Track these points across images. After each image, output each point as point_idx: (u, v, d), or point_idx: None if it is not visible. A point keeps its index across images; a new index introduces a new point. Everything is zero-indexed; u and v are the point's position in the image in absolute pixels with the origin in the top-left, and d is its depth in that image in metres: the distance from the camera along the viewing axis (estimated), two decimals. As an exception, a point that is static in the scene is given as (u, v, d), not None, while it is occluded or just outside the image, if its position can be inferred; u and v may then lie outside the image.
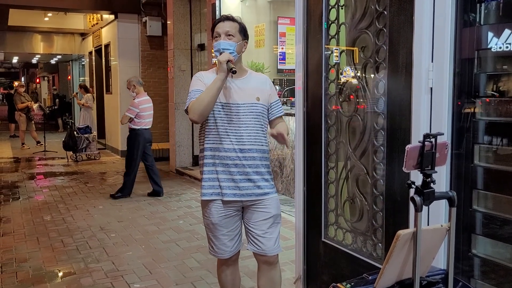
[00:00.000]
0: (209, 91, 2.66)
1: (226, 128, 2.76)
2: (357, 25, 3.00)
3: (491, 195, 2.44)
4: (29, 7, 11.72)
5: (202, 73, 2.92)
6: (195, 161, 9.60)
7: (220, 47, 2.75)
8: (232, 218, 2.87)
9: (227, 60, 2.65)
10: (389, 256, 1.81)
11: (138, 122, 6.98)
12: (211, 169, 2.81)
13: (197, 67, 9.55)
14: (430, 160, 1.79)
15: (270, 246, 2.86)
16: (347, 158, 3.20)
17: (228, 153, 2.76)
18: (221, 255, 2.94)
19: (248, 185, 2.79)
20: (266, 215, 2.84)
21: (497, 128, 2.42)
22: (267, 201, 2.84)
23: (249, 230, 2.90)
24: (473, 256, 2.45)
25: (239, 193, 2.79)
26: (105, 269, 4.32)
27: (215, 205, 2.83)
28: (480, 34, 2.37)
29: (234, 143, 2.75)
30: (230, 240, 2.90)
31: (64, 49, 17.09)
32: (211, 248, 2.98)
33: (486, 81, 2.43)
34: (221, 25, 2.81)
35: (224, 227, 2.86)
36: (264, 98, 2.86)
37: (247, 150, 2.77)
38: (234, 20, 2.85)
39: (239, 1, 7.81)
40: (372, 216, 2.96)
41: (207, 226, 2.93)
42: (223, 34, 2.77)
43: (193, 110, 2.67)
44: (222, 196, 2.79)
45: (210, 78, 2.79)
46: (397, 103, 2.68)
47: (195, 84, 2.82)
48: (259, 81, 2.90)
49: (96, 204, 6.85)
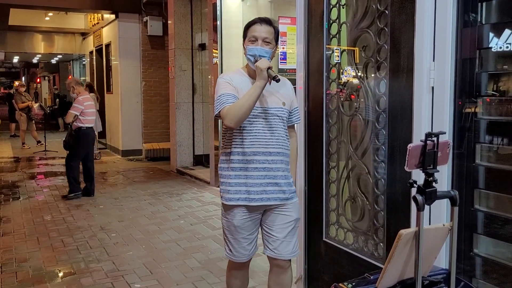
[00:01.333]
0: (248, 98, 2.58)
1: (256, 132, 2.71)
2: (358, 25, 3.00)
3: (492, 195, 2.44)
4: (29, 6, 11.73)
5: (230, 74, 2.83)
6: (196, 161, 9.60)
7: (257, 54, 2.67)
8: (254, 221, 2.82)
9: (268, 67, 2.58)
10: (391, 256, 1.80)
11: (84, 119, 6.99)
12: (239, 174, 2.74)
13: (198, 67, 9.55)
14: (432, 159, 1.78)
15: (288, 250, 2.83)
16: (348, 158, 3.19)
17: (257, 156, 2.71)
18: (239, 259, 2.88)
19: (274, 189, 2.74)
20: (288, 218, 2.80)
21: (499, 128, 2.42)
22: (290, 205, 2.81)
23: (269, 234, 2.84)
24: (475, 256, 2.44)
25: (266, 197, 2.74)
26: (105, 269, 4.32)
27: (240, 209, 2.77)
28: (481, 34, 2.37)
29: (263, 147, 2.71)
30: (249, 244, 2.85)
31: (65, 49, 17.11)
32: (229, 252, 2.90)
33: (487, 80, 2.43)
34: (258, 28, 2.71)
35: (246, 230, 2.81)
36: (288, 103, 2.83)
37: (275, 153, 2.73)
38: (272, 24, 2.75)
39: (240, 0, 7.81)
40: (373, 215, 2.96)
41: (227, 229, 2.85)
42: (260, 40, 2.69)
43: (230, 116, 2.59)
44: (250, 201, 2.73)
45: (239, 81, 2.74)
46: (399, 103, 2.67)
47: (224, 87, 2.71)
48: (285, 86, 2.85)
49: (97, 203, 6.84)
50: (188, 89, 9.51)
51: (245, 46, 2.76)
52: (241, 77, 2.79)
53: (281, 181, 2.75)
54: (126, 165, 10.45)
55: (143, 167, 10.14)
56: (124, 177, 9.01)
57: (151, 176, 9.15)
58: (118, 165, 10.45)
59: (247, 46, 2.73)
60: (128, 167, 10.15)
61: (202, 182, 8.29)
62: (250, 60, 2.72)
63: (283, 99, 2.79)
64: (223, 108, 2.63)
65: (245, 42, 2.77)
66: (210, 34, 8.02)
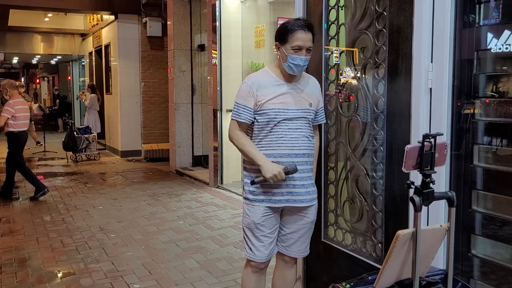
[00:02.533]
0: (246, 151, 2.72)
1: (281, 133, 2.71)
2: (357, 26, 3.01)
3: (490, 196, 2.45)
4: (29, 7, 11.74)
5: (254, 77, 2.79)
6: (195, 162, 9.60)
7: (302, 64, 2.67)
8: (273, 218, 2.81)
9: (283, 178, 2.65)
10: (388, 256, 1.81)
11: (15, 124, 6.94)
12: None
13: (197, 68, 9.56)
14: (429, 160, 1.79)
15: (302, 249, 2.90)
16: (346, 159, 3.20)
17: (283, 158, 2.70)
18: (259, 258, 2.83)
19: (301, 191, 2.75)
20: (306, 220, 2.83)
21: (497, 129, 2.42)
22: (312, 207, 2.84)
23: (284, 233, 2.87)
24: (473, 257, 2.45)
25: (292, 198, 2.75)
26: (104, 270, 4.32)
27: (262, 207, 2.77)
28: (480, 35, 2.38)
29: (290, 148, 2.71)
30: (270, 243, 2.82)
31: (64, 50, 17.11)
32: (249, 250, 2.86)
33: (485, 81, 2.44)
34: (303, 37, 2.64)
35: (267, 227, 2.79)
36: (314, 104, 2.83)
37: (301, 155, 2.74)
38: (313, 31, 2.71)
39: (240, 1, 7.81)
40: (371, 216, 2.97)
41: (247, 226, 2.83)
42: (304, 50, 2.65)
43: (231, 138, 2.79)
44: (275, 202, 2.74)
45: (263, 82, 2.73)
46: (397, 104, 2.68)
47: (244, 97, 2.73)
48: (312, 86, 2.85)
49: (96, 204, 6.85)
50: (187, 90, 9.52)
51: (286, 53, 2.67)
52: (267, 77, 2.77)
53: (306, 183, 2.78)
54: (125, 166, 10.46)
55: (142, 168, 10.15)
56: (123, 177, 9.01)
57: (150, 176, 9.15)
58: (117, 166, 10.45)
59: (290, 54, 2.66)
60: (127, 168, 10.16)
61: (201, 182, 8.29)
62: (290, 68, 2.69)
63: (309, 99, 2.78)
64: (236, 124, 2.76)
65: (286, 48, 2.68)
66: (209, 35, 8.03)
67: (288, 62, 2.68)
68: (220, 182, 7.84)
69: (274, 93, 2.71)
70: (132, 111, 11.50)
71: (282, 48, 2.71)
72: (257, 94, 2.71)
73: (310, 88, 2.82)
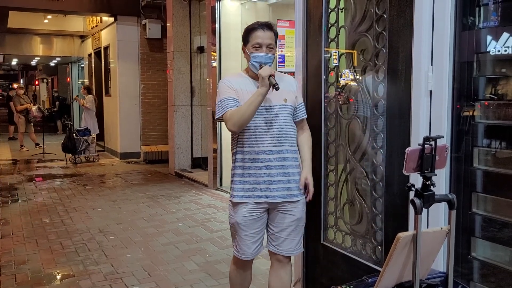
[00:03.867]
0: (250, 104, 2.65)
1: (258, 130, 2.77)
2: (356, 28, 3.01)
3: (490, 198, 2.45)
4: (28, 9, 11.74)
5: (229, 78, 2.89)
6: (194, 164, 9.60)
7: (263, 61, 2.73)
8: (258, 220, 2.86)
9: (269, 75, 2.63)
10: (389, 259, 1.81)
11: None
12: (242, 172, 2.82)
13: (197, 70, 9.56)
14: (430, 162, 1.79)
15: (292, 247, 2.91)
16: (346, 161, 3.20)
17: (260, 155, 2.76)
18: (242, 256, 2.94)
19: (280, 186, 2.78)
20: (291, 217, 2.85)
21: (496, 131, 2.43)
22: (295, 204, 2.85)
23: (272, 232, 2.91)
24: (473, 259, 2.45)
25: (271, 194, 2.78)
26: (104, 272, 4.32)
27: (244, 206, 2.83)
28: (479, 38, 2.38)
29: (266, 145, 2.76)
30: (253, 242, 2.89)
31: (64, 51, 17.10)
32: (235, 248, 2.99)
33: (485, 84, 2.44)
34: (262, 35, 2.74)
35: (249, 228, 2.85)
36: (291, 99, 2.86)
37: (279, 151, 2.77)
38: (273, 29, 2.78)
39: (239, 4, 7.82)
40: (371, 218, 2.97)
41: (232, 226, 2.92)
42: (264, 47, 2.74)
43: (232, 122, 2.69)
44: (254, 198, 2.80)
45: (240, 83, 2.78)
46: (397, 106, 2.68)
47: (225, 91, 2.78)
48: (286, 83, 2.88)
49: (95, 206, 6.84)
50: (186, 91, 9.52)
51: (248, 52, 2.78)
52: (241, 78, 2.83)
53: (285, 179, 2.79)
54: (124, 168, 10.45)
55: (141, 170, 10.14)
56: (122, 179, 9.00)
57: (150, 178, 9.15)
58: (116, 168, 10.45)
59: (252, 53, 2.76)
60: (126, 170, 10.15)
61: (200, 184, 8.29)
62: (254, 66, 2.77)
63: (284, 95, 2.81)
64: (226, 113, 2.72)
65: (248, 48, 2.79)
66: (209, 37, 8.03)
67: (251, 61, 2.77)
68: (220, 184, 7.84)
69: (248, 92, 2.76)
70: (131, 113, 11.50)
71: (246, 49, 2.82)
72: (236, 89, 2.78)
73: (284, 84, 2.83)
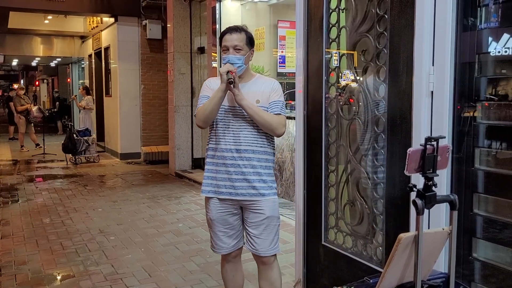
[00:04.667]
0: (211, 100, 2.83)
1: (225, 129, 2.89)
2: (357, 29, 3.01)
3: (491, 199, 2.44)
4: (29, 9, 11.73)
5: (211, 79, 3.06)
6: (195, 164, 9.59)
7: (230, 61, 2.82)
8: (230, 216, 2.97)
9: (227, 71, 2.75)
10: (390, 259, 1.81)
11: None
12: (211, 168, 2.96)
13: (197, 70, 9.56)
14: (431, 163, 1.79)
15: (264, 247, 2.94)
16: (347, 161, 3.20)
17: (225, 153, 2.88)
18: (219, 251, 3.06)
19: (243, 185, 2.87)
20: (260, 216, 2.91)
21: (498, 132, 2.42)
22: (262, 202, 2.89)
23: (246, 230, 3.01)
24: (474, 260, 2.45)
25: (234, 192, 2.89)
26: (104, 272, 4.31)
27: (213, 202, 2.97)
28: (481, 38, 2.38)
29: (230, 144, 2.87)
30: (227, 237, 3.00)
31: (64, 52, 17.10)
32: (211, 243, 3.11)
33: (486, 85, 2.44)
34: (228, 38, 2.86)
35: (221, 224, 2.98)
36: (263, 100, 2.89)
37: (243, 150, 2.86)
38: (241, 30, 2.89)
39: (239, 4, 7.82)
40: (372, 219, 2.96)
41: (207, 222, 3.07)
42: (231, 48, 2.84)
43: (198, 117, 2.90)
44: (218, 194, 2.93)
45: (217, 85, 2.88)
46: (398, 107, 2.68)
47: (203, 90, 2.99)
48: (262, 85, 2.94)
49: (96, 206, 6.83)
50: (187, 92, 9.52)
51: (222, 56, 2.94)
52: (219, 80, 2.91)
53: (251, 177, 2.87)
54: (124, 168, 10.45)
55: (141, 170, 10.13)
56: (123, 180, 9.00)
57: (150, 179, 9.14)
58: (117, 168, 10.44)
59: (222, 56, 2.92)
60: (126, 170, 10.15)
61: (200, 185, 8.25)
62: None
63: (257, 97, 2.89)
64: (197, 109, 2.93)
65: (221, 51, 2.95)
66: (209, 37, 8.03)
67: (222, 63, 2.89)
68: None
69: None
70: (131, 114, 11.50)
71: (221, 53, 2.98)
72: (212, 89, 2.91)
73: (257, 86, 2.92)
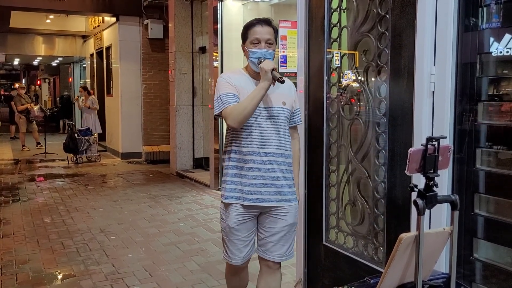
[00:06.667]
0: (252, 99, 2.59)
1: (252, 131, 2.69)
2: (359, 29, 3.01)
3: (492, 199, 2.44)
4: (30, 9, 11.74)
5: (229, 74, 2.80)
6: (196, 164, 9.59)
7: (261, 56, 2.66)
8: (249, 223, 2.78)
9: (272, 68, 2.58)
10: (391, 260, 1.80)
11: None
12: (235, 172, 2.74)
13: (198, 70, 9.56)
14: (432, 163, 1.79)
15: (281, 253, 2.81)
16: (348, 161, 3.19)
17: (253, 156, 2.68)
18: (234, 262, 2.84)
19: (271, 190, 2.70)
20: (282, 222, 2.76)
21: (499, 132, 2.42)
22: (287, 208, 2.75)
23: (262, 236, 2.82)
24: (475, 260, 2.44)
25: (261, 198, 2.70)
26: (105, 272, 4.31)
27: (235, 209, 2.74)
28: (482, 39, 2.37)
29: (259, 147, 2.68)
30: (244, 246, 2.81)
31: (66, 51, 17.11)
32: (225, 253, 2.89)
33: (487, 85, 2.43)
34: (260, 30, 2.67)
35: (240, 232, 2.77)
36: (289, 104, 2.79)
37: (272, 154, 2.69)
38: (272, 25, 2.72)
39: (241, 4, 7.82)
40: (373, 219, 2.96)
41: (223, 230, 2.84)
42: (263, 42, 2.67)
43: (233, 117, 2.60)
44: (243, 200, 2.71)
45: (239, 80, 2.72)
46: (399, 107, 2.68)
47: (225, 87, 2.69)
48: (285, 87, 2.80)
49: (97, 206, 6.84)
50: (188, 92, 9.52)
51: (247, 49, 2.72)
52: (240, 76, 2.76)
53: (278, 183, 2.70)
54: (125, 168, 10.45)
55: (142, 170, 10.14)
56: (124, 179, 9.00)
57: (151, 179, 9.14)
58: (118, 168, 10.44)
59: (250, 49, 2.69)
60: (127, 170, 10.15)
61: (201, 185, 8.28)
62: (253, 63, 2.70)
63: (283, 98, 2.76)
64: (226, 108, 2.63)
65: (246, 45, 2.74)
66: (211, 37, 8.03)
67: (250, 58, 2.70)
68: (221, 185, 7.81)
69: (246, 91, 2.69)
70: (133, 113, 11.50)
71: (245, 46, 2.75)
72: (235, 86, 2.70)
73: (283, 88, 2.78)
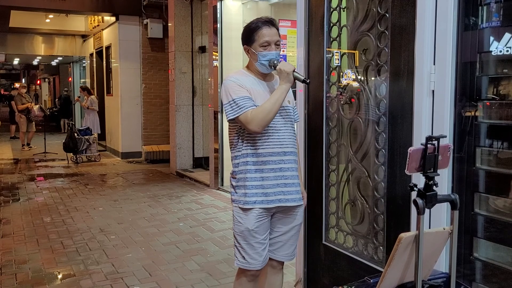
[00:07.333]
0: (275, 102, 2.54)
1: (270, 132, 2.62)
2: (358, 28, 3.00)
3: (492, 198, 2.43)
4: (30, 8, 11.74)
5: (237, 77, 2.69)
6: (196, 164, 9.60)
7: (274, 58, 2.61)
8: (267, 223, 2.70)
9: (293, 69, 2.55)
10: (391, 259, 1.80)
11: None
12: (255, 176, 2.63)
13: (198, 70, 9.56)
14: (432, 162, 1.78)
15: (289, 252, 2.80)
16: (348, 161, 3.19)
17: (273, 157, 2.63)
18: (254, 266, 2.70)
19: (291, 189, 2.67)
20: (294, 222, 2.75)
21: (499, 131, 2.42)
22: (300, 207, 2.75)
23: (272, 236, 2.77)
24: (475, 260, 2.44)
25: (284, 198, 2.65)
26: (104, 271, 4.31)
27: (255, 212, 2.65)
28: (482, 38, 2.37)
29: (278, 147, 2.64)
30: (263, 249, 2.70)
31: (65, 51, 17.11)
32: (242, 260, 2.72)
33: (487, 84, 2.43)
34: (269, 32, 2.62)
35: (259, 233, 2.67)
36: (292, 101, 2.79)
37: (289, 153, 2.67)
38: (276, 25, 2.67)
39: (241, 3, 7.82)
40: (373, 219, 2.96)
41: (240, 234, 2.72)
42: (273, 44, 2.62)
43: (257, 122, 2.52)
44: (268, 203, 2.63)
45: (248, 82, 2.65)
46: (399, 106, 2.67)
47: (238, 91, 2.60)
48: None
49: (96, 206, 6.83)
50: (188, 91, 9.52)
51: (255, 52, 2.63)
52: (247, 77, 2.70)
53: (296, 181, 2.70)
54: (125, 167, 10.45)
55: (142, 170, 10.14)
56: (124, 179, 9.00)
57: (151, 178, 9.14)
58: (118, 167, 10.44)
59: (260, 52, 2.62)
60: (127, 169, 10.15)
61: (201, 184, 8.28)
62: (264, 65, 2.63)
63: (287, 97, 2.71)
64: (246, 113, 2.54)
65: (254, 47, 2.64)
66: (211, 36, 8.02)
67: (260, 61, 2.64)
68: (221, 184, 7.83)
69: (257, 92, 2.64)
70: (132, 113, 11.50)
71: (251, 49, 2.67)
72: (248, 88, 2.63)
73: None
